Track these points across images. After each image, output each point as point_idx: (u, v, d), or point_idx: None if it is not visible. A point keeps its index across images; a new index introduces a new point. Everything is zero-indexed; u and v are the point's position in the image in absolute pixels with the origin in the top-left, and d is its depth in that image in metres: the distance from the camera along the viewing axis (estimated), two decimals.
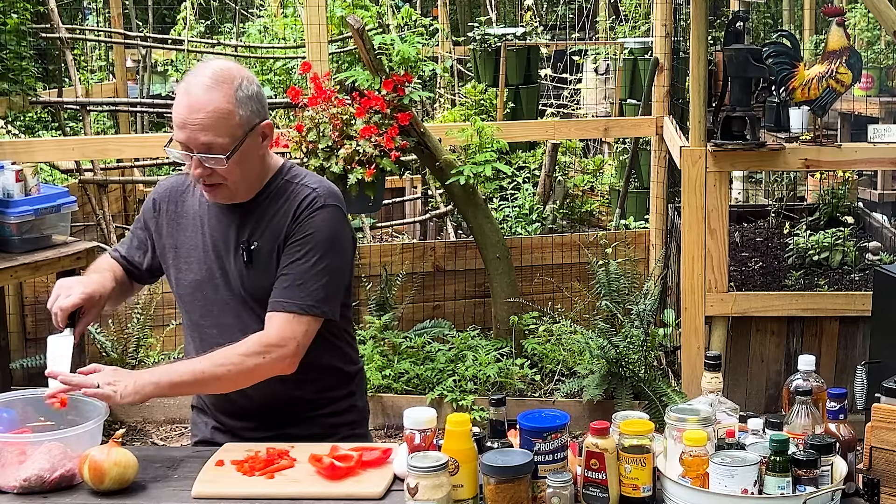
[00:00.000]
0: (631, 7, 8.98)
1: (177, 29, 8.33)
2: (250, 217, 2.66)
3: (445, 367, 5.31)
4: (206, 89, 2.53)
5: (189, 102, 2.52)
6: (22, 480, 2.33)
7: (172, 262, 2.74)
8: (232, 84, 2.55)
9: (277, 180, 2.68)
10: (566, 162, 8.12)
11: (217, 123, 2.52)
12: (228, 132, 2.53)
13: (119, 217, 7.33)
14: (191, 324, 2.75)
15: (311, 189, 2.66)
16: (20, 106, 6.45)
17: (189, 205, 2.74)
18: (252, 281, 2.64)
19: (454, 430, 2.18)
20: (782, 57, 4.70)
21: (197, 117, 2.51)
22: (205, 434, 2.80)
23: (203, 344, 2.70)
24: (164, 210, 2.77)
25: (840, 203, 6.01)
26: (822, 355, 4.82)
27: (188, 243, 2.72)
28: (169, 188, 2.80)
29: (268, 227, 2.64)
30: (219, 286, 2.67)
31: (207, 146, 2.52)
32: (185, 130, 2.52)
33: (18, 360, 5.48)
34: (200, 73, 2.56)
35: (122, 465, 2.32)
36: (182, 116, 2.53)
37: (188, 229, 2.72)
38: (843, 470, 2.19)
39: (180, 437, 5.14)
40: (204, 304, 2.69)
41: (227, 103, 2.53)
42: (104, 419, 2.47)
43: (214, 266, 2.67)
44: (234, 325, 2.66)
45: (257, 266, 2.63)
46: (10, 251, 4.54)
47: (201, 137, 2.52)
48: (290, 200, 2.64)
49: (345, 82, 5.43)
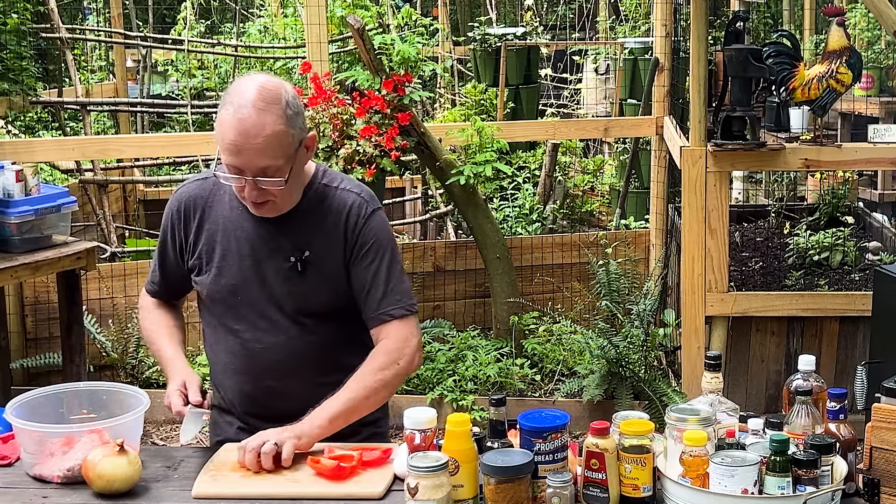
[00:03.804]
0: (631, 7, 8.98)
1: (177, 29, 8.33)
2: (291, 223, 2.66)
3: (445, 367, 5.31)
4: (258, 112, 2.46)
5: (243, 128, 2.46)
6: (66, 470, 2.38)
7: (204, 266, 2.72)
8: (281, 103, 2.50)
9: (315, 185, 2.69)
10: (566, 162, 8.12)
11: (273, 146, 2.48)
12: (283, 153, 2.51)
13: (119, 217, 7.34)
14: (222, 328, 2.74)
15: (355, 195, 2.68)
16: (20, 106, 6.46)
17: (217, 210, 2.72)
18: (300, 288, 2.65)
19: (454, 430, 2.18)
20: (782, 57, 4.70)
21: (254, 142, 2.46)
22: (228, 434, 2.77)
23: (238, 348, 2.70)
24: (191, 216, 2.74)
25: (840, 203, 6.01)
26: (822, 355, 4.82)
27: (219, 248, 2.70)
28: (194, 195, 2.76)
29: (318, 235, 2.65)
30: (256, 292, 2.67)
31: (264, 170, 2.50)
32: (240, 156, 2.48)
33: (18, 360, 5.48)
34: (246, 92, 2.49)
35: (105, 478, 2.32)
36: (237, 142, 2.47)
37: (219, 234, 2.70)
38: (844, 470, 2.19)
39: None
40: (240, 308, 2.69)
41: (280, 124, 2.49)
42: (146, 409, 2.51)
43: (251, 272, 2.67)
44: (271, 329, 2.67)
45: (310, 275, 2.65)
46: (10, 251, 4.54)
47: (259, 162, 2.49)
48: (337, 208, 2.66)
49: (345, 82, 5.44)
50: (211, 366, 2.85)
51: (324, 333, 2.69)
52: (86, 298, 5.25)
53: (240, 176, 2.52)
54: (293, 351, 2.67)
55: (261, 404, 2.71)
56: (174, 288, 2.87)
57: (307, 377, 2.69)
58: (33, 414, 2.50)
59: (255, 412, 2.72)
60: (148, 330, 2.87)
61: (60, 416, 2.58)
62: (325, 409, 2.56)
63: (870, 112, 7.08)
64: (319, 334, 2.69)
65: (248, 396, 2.73)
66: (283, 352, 2.68)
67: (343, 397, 2.58)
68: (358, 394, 2.59)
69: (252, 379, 2.70)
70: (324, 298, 2.67)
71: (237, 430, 2.76)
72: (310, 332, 2.68)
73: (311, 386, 2.66)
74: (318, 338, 2.69)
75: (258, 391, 2.71)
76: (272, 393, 2.70)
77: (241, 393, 2.74)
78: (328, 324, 2.70)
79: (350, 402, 2.57)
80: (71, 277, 4.72)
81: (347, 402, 2.57)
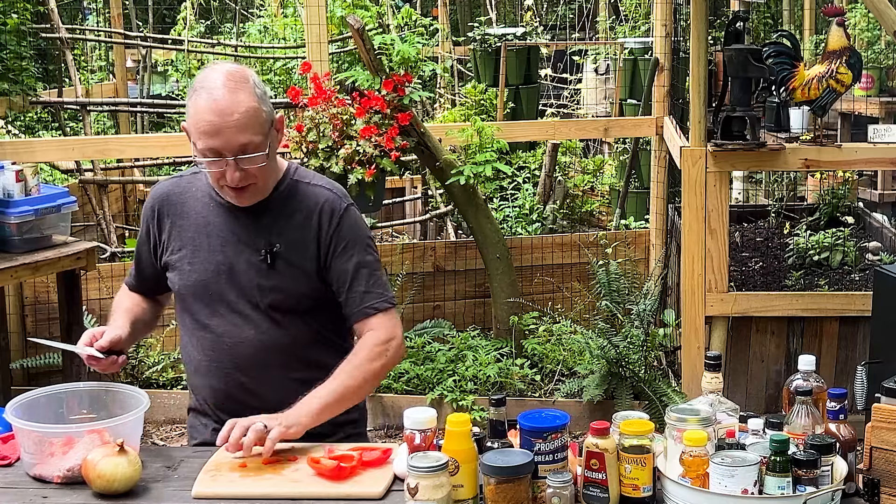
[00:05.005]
0: (631, 7, 8.98)
1: (177, 29, 8.33)
2: (263, 217, 2.69)
3: (445, 367, 5.31)
4: (230, 92, 2.54)
5: (218, 108, 2.52)
6: (66, 470, 2.38)
7: (177, 262, 2.75)
8: (249, 83, 2.58)
9: (287, 181, 2.72)
10: (566, 162, 8.12)
11: (251, 122, 2.55)
12: (260, 130, 2.57)
13: (119, 217, 7.33)
14: (195, 324, 2.76)
15: (328, 191, 2.72)
16: (20, 106, 6.45)
17: (191, 206, 2.76)
18: (270, 281, 2.67)
19: (454, 430, 2.18)
20: (782, 57, 4.70)
21: (231, 120, 2.52)
22: (204, 436, 2.81)
23: (210, 343, 2.72)
24: (165, 213, 2.78)
25: (840, 203, 6.01)
26: (822, 355, 4.82)
27: (192, 243, 2.73)
28: (167, 192, 2.81)
29: (289, 230, 2.68)
30: (228, 285, 2.69)
31: (244, 147, 2.54)
32: (219, 136, 2.52)
33: (18, 361, 5.48)
34: (215, 77, 2.56)
35: (105, 478, 2.31)
36: (214, 122, 2.52)
37: (191, 230, 2.74)
38: (844, 470, 2.19)
39: (180, 437, 5.14)
40: (211, 303, 2.71)
41: (254, 101, 2.56)
42: (146, 409, 2.51)
43: (222, 267, 2.69)
44: (242, 323, 2.69)
45: (279, 268, 2.67)
46: (10, 251, 4.54)
47: (239, 139, 2.53)
48: (309, 204, 2.69)
49: (345, 82, 5.44)
50: (186, 365, 2.87)
51: (294, 328, 2.71)
52: (86, 298, 5.25)
53: (220, 159, 2.55)
54: (264, 345, 2.69)
55: (234, 401, 2.72)
56: (149, 285, 2.90)
57: (277, 373, 2.71)
58: (33, 414, 2.50)
59: (228, 409, 2.73)
60: (112, 308, 2.89)
61: (60, 417, 2.58)
62: (313, 399, 2.58)
63: (870, 112, 7.08)
64: (290, 329, 2.71)
65: (220, 392, 2.75)
66: (253, 346, 2.70)
67: (331, 387, 2.60)
68: (346, 384, 2.61)
69: (223, 375, 2.73)
70: (293, 292, 2.68)
71: (212, 432, 2.75)
72: (280, 326, 2.70)
73: (282, 381, 2.69)
74: (289, 332, 2.71)
75: (230, 387, 2.73)
76: (244, 389, 2.71)
77: (213, 390, 2.76)
78: (298, 319, 2.72)
79: (338, 392, 2.60)
80: (71, 277, 4.72)
81: (335, 391, 2.59)
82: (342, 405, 2.64)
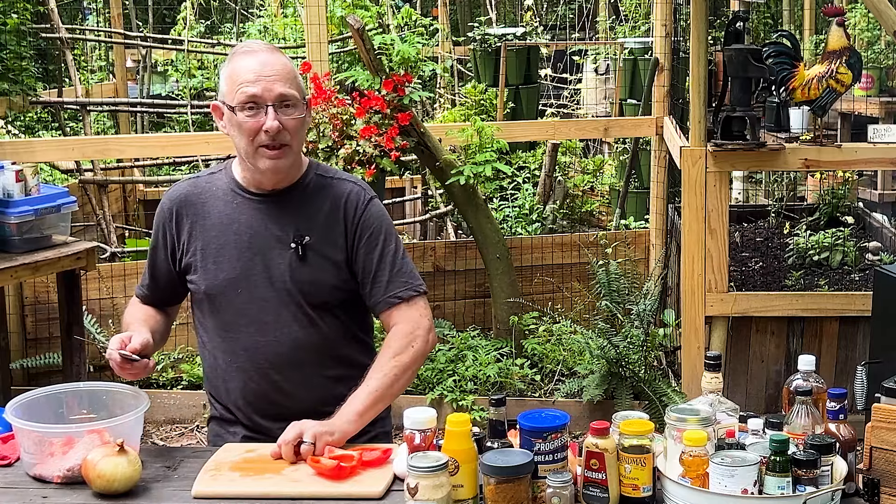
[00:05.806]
0: (631, 7, 8.99)
1: (177, 29, 8.33)
2: (290, 211, 2.70)
3: (445, 367, 5.31)
4: (271, 51, 2.67)
5: (260, 60, 2.63)
6: (66, 470, 2.38)
7: (201, 262, 2.72)
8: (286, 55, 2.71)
9: (310, 176, 2.75)
10: (566, 162, 8.12)
11: (290, 76, 2.65)
12: (298, 88, 2.67)
13: (119, 217, 7.34)
14: (219, 325, 2.73)
15: (351, 183, 2.77)
16: (20, 106, 6.46)
17: (212, 205, 2.74)
18: (303, 274, 2.67)
19: (454, 430, 2.18)
20: (782, 57, 4.70)
21: (273, 69, 2.62)
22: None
23: (236, 344, 2.70)
24: (184, 214, 2.76)
25: (840, 203, 6.01)
26: (822, 355, 4.82)
27: (215, 243, 2.71)
28: (185, 193, 2.78)
29: (317, 222, 2.69)
30: (258, 283, 2.68)
31: (283, 97, 2.62)
32: (260, 83, 2.59)
33: (18, 361, 5.48)
34: (252, 43, 2.71)
35: (105, 478, 2.31)
36: (256, 70, 2.61)
37: (215, 229, 2.72)
38: (843, 470, 2.19)
39: (180, 437, 5.14)
40: (241, 301, 2.69)
41: (291, 64, 2.68)
42: (146, 409, 2.51)
43: (252, 263, 2.68)
44: (272, 321, 2.68)
45: (310, 259, 2.68)
46: (10, 251, 4.54)
47: (278, 88, 2.61)
48: (335, 196, 2.72)
49: (345, 82, 5.44)
50: (209, 373, 2.83)
51: (326, 325, 2.71)
52: (86, 298, 5.24)
53: (259, 109, 2.60)
54: (296, 343, 2.68)
55: (266, 402, 2.71)
56: (164, 294, 2.86)
57: (310, 371, 2.70)
58: (33, 414, 2.50)
59: (261, 411, 2.72)
60: (125, 322, 2.85)
61: (60, 416, 2.58)
62: (353, 404, 2.58)
63: (870, 112, 7.08)
64: (322, 326, 2.70)
65: (253, 394, 2.72)
66: (285, 345, 2.68)
67: (367, 389, 2.60)
68: (381, 383, 2.61)
69: (256, 375, 2.70)
70: (325, 284, 2.68)
71: (242, 440, 2.74)
72: (313, 323, 2.69)
73: (314, 379, 2.69)
74: (322, 329, 2.70)
75: (263, 387, 2.70)
76: (277, 388, 2.70)
77: (245, 392, 2.72)
78: (330, 314, 2.71)
79: (374, 393, 2.60)
80: (71, 277, 4.72)
81: (372, 393, 2.59)
82: (381, 405, 2.64)
